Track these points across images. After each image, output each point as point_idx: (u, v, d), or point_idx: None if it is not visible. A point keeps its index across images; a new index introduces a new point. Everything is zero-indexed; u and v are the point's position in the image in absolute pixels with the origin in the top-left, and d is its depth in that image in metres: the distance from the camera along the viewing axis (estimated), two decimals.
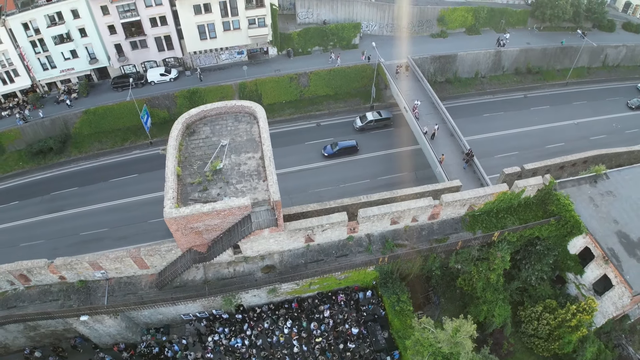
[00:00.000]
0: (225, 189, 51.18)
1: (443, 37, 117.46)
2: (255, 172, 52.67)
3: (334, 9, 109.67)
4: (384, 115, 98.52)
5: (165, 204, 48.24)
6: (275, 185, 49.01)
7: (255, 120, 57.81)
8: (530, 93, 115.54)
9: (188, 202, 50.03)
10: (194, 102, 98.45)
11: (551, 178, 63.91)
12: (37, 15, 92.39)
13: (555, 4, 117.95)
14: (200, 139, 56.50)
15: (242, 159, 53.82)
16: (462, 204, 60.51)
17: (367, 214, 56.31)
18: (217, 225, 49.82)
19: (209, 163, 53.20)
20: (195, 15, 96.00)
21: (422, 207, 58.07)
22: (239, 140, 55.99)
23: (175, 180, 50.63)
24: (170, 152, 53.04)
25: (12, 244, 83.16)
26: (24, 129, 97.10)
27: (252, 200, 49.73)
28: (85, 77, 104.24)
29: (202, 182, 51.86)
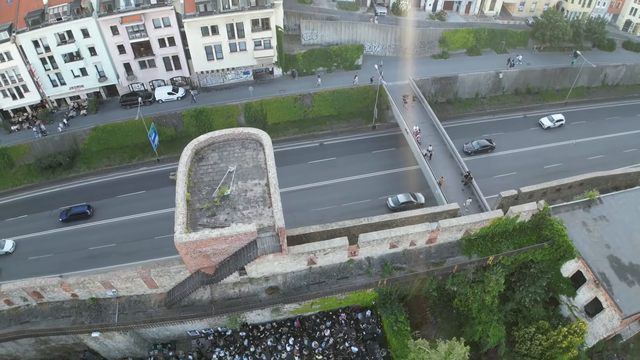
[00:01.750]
0: (233, 215, 53.77)
1: (444, 58, 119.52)
2: (261, 198, 55.26)
3: (338, 30, 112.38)
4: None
5: (176, 229, 50.78)
6: (280, 212, 51.58)
7: (261, 147, 60.42)
8: (530, 113, 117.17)
9: (197, 227, 52.60)
10: (201, 121, 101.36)
11: (545, 204, 66.36)
12: (47, 33, 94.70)
13: (556, 25, 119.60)
14: (208, 165, 59.13)
15: (249, 186, 56.43)
16: (459, 229, 63.05)
17: (367, 238, 58.84)
18: (224, 250, 52.40)
19: (217, 189, 55.80)
20: (203, 37, 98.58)
21: (420, 232, 60.63)
22: (245, 166, 58.62)
23: (184, 206, 53.20)
24: (180, 178, 55.64)
25: (21, 257, 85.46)
26: (34, 144, 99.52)
27: (257, 226, 52.28)
28: (94, 94, 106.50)
29: (210, 208, 54.43)
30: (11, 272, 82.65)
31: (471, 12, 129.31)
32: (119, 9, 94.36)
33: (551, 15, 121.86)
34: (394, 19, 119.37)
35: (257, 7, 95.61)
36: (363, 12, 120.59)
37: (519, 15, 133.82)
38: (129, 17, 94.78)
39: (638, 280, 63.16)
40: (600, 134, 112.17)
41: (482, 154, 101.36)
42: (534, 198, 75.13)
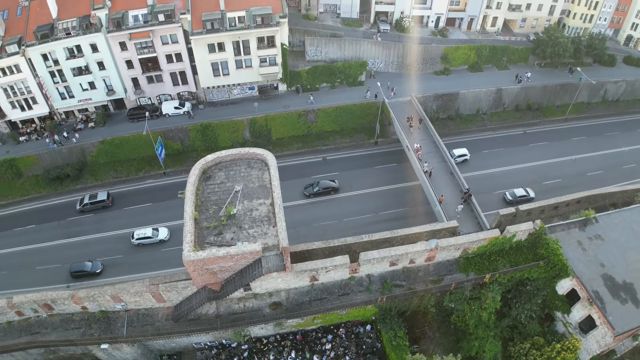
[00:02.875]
0: (239, 234, 55.87)
1: (446, 74, 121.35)
2: (266, 217, 57.36)
3: (342, 47, 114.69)
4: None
5: (184, 247, 52.88)
6: (284, 232, 53.67)
7: (267, 167, 62.52)
8: (530, 129, 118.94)
9: (204, 246, 54.70)
10: (207, 135, 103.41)
11: (541, 224, 68.27)
12: (56, 47, 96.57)
13: (556, 42, 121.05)
14: (215, 184, 61.26)
15: (254, 205, 58.54)
16: (457, 247, 65.04)
17: (368, 257, 60.88)
18: (230, 267, 54.52)
19: (224, 208, 57.92)
20: (210, 54, 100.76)
21: (419, 251, 62.59)
22: (251, 186, 60.74)
23: (193, 224, 55.28)
24: (189, 197, 57.75)
25: (28, 266, 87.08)
26: (42, 155, 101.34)
27: (262, 245, 54.35)
28: (102, 107, 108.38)
29: (217, 227, 56.51)
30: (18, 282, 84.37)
31: (473, 28, 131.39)
32: (128, 26, 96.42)
33: (552, 32, 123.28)
34: (397, 36, 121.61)
35: (263, 26, 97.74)
36: (366, 28, 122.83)
37: (520, 32, 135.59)
38: (137, 34, 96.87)
39: (631, 298, 64.85)
40: (600, 149, 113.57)
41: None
42: (532, 216, 77.07)
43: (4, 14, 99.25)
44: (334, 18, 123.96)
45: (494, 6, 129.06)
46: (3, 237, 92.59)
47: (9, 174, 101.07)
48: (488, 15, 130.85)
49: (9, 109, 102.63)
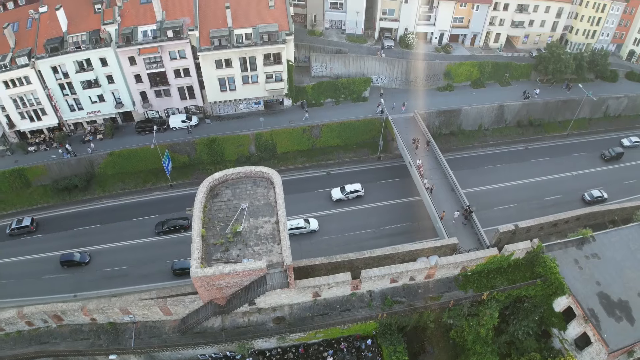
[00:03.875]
0: (244, 251, 57.75)
1: (449, 90, 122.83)
2: (271, 235, 59.23)
3: (346, 63, 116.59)
4: None
5: (192, 263, 54.76)
6: (288, 250, 55.52)
7: (272, 185, 64.38)
8: (532, 145, 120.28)
9: (211, 262, 56.58)
10: (213, 149, 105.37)
11: (539, 243, 69.93)
12: (66, 60, 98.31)
13: (558, 58, 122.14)
14: (222, 202, 63.16)
15: (260, 223, 60.41)
16: (456, 266, 66.79)
17: (369, 274, 62.66)
18: (236, 283, 56.39)
19: (230, 225, 59.79)
20: (217, 69, 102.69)
21: (419, 269, 64.32)
22: (257, 204, 62.63)
23: (200, 241, 57.18)
24: (196, 214, 59.65)
25: (36, 275, 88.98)
26: (50, 166, 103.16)
27: (267, 262, 56.20)
28: (110, 119, 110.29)
29: (224, 244, 58.42)
30: (26, 291, 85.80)
31: (476, 44, 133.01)
32: (137, 41, 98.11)
33: (554, 48, 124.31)
34: (401, 52, 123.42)
35: (270, 43, 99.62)
36: (371, 44, 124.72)
37: (523, 48, 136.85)
38: (146, 49, 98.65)
39: (626, 316, 66.35)
40: (600, 165, 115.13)
41: None
42: (531, 233, 78.89)
43: (14, 26, 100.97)
44: (339, 34, 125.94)
45: (497, 23, 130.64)
46: (11, 246, 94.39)
47: (17, 183, 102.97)
48: (491, 31, 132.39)
49: (18, 119, 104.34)
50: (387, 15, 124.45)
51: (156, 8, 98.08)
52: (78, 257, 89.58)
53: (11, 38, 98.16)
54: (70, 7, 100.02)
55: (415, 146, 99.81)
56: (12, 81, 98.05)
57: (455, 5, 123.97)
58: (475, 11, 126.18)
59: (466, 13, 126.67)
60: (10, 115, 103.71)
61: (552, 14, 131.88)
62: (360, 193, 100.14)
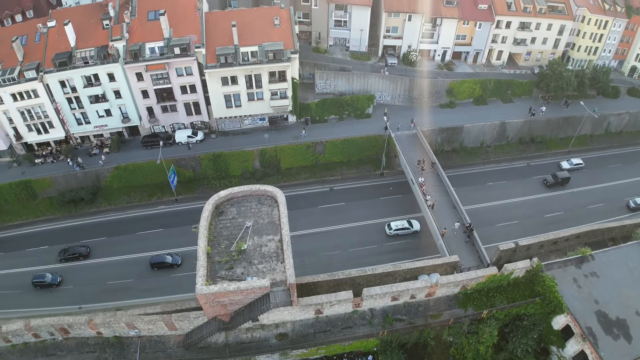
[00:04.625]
0: (249, 269, 59.02)
1: (451, 107, 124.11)
2: (275, 253, 60.50)
3: (350, 81, 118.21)
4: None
5: (197, 280, 56.03)
6: (291, 268, 56.76)
7: (276, 203, 65.68)
8: (533, 162, 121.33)
9: (216, 279, 57.84)
10: (218, 164, 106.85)
11: (538, 262, 71.01)
12: (74, 75, 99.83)
13: (560, 76, 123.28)
14: (227, 219, 64.47)
15: (264, 241, 61.71)
16: (456, 284, 67.90)
17: (371, 292, 63.83)
18: (240, 300, 57.63)
19: (235, 243, 61.08)
20: (223, 86, 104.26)
21: (419, 288, 65.46)
22: (261, 222, 63.94)
23: (205, 259, 58.47)
24: (202, 232, 60.97)
25: (43, 287, 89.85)
26: (57, 178, 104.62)
27: (271, 280, 57.43)
28: (117, 133, 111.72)
29: (228, 261, 59.68)
30: (31, 302, 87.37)
31: (479, 61, 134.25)
32: (145, 57, 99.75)
33: (555, 66, 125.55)
34: (404, 69, 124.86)
35: (275, 61, 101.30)
36: (375, 62, 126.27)
37: (525, 65, 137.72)
38: (153, 66, 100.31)
39: (624, 334, 67.24)
40: (601, 182, 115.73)
41: None
42: (531, 251, 79.99)
43: (22, 39, 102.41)
44: (343, 51, 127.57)
45: (499, 40, 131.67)
46: (17, 257, 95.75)
47: (24, 195, 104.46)
48: (493, 49, 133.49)
49: (26, 131, 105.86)
50: (391, 33, 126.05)
51: (163, 25, 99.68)
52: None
53: (19, 51, 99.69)
54: (79, 23, 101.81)
55: (421, 167, 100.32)
56: (20, 94, 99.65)
57: (458, 23, 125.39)
58: (477, 29, 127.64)
59: (469, 31, 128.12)
60: (17, 128, 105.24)
61: (554, 32, 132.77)
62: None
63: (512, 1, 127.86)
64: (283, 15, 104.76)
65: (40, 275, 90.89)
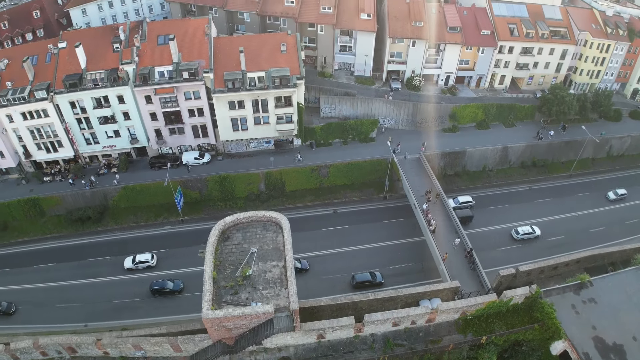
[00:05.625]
0: (253, 294, 60.50)
1: (454, 131, 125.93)
2: (279, 279, 62.00)
3: (355, 105, 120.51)
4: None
5: (203, 305, 57.51)
6: (295, 294, 58.27)
7: (281, 230, 67.22)
8: (535, 185, 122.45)
9: (221, 304, 59.34)
10: (224, 186, 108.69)
11: (537, 288, 72.24)
12: (84, 96, 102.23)
13: (562, 100, 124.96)
14: (233, 245, 66.02)
15: (268, 267, 63.23)
16: (456, 310, 69.21)
17: (372, 318, 65.19)
18: (244, 325, 59.06)
19: (240, 269, 62.63)
20: (230, 110, 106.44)
21: (420, 314, 66.84)
22: (265, 248, 65.46)
23: (211, 284, 59.97)
24: (208, 257, 62.53)
25: (48, 304, 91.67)
26: (65, 197, 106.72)
27: (274, 306, 58.83)
28: (125, 153, 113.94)
29: (234, 286, 61.17)
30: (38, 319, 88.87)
31: (482, 86, 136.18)
32: (154, 81, 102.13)
33: (557, 90, 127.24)
34: (408, 94, 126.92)
35: (281, 86, 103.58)
36: (379, 86, 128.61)
37: (527, 89, 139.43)
38: (162, 89, 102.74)
39: None
40: (603, 205, 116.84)
41: None
42: (531, 276, 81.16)
43: (33, 59, 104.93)
44: (348, 76, 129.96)
45: (502, 65, 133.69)
46: (24, 273, 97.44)
47: (32, 212, 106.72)
48: (496, 73, 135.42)
49: (35, 149, 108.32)
50: (395, 58, 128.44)
51: (173, 50, 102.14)
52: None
53: (30, 71, 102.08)
54: (90, 45, 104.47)
55: (427, 198, 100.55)
56: (30, 113, 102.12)
57: (461, 49, 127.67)
58: (480, 54, 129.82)
59: (472, 56, 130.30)
60: (27, 146, 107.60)
61: (556, 56, 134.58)
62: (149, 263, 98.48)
63: (514, 26, 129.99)
64: (290, 42, 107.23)
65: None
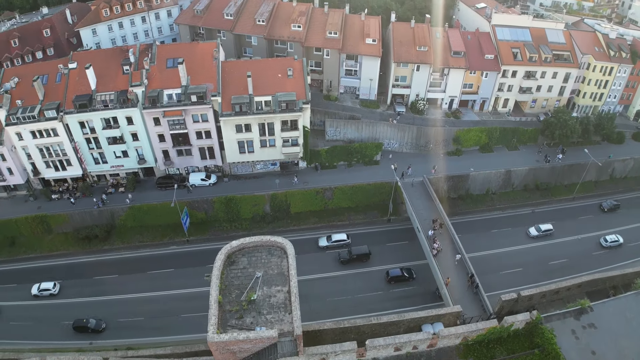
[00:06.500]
0: (258, 319, 61.59)
1: (458, 155, 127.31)
2: (283, 304, 63.10)
3: (359, 129, 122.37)
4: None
5: (209, 329, 58.56)
6: (298, 320, 59.35)
7: (285, 255, 68.40)
8: (538, 208, 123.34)
9: (226, 328, 60.46)
10: (230, 208, 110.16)
11: (537, 314, 73.07)
12: (93, 117, 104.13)
13: (565, 124, 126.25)
14: (238, 269, 67.17)
15: (273, 292, 64.34)
16: (457, 336, 70.08)
17: (374, 344, 66.07)
18: (248, 349, 60.05)
19: (245, 293, 63.79)
20: (237, 133, 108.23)
21: (421, 339, 67.77)
22: (270, 272, 66.58)
23: (217, 307, 61.06)
24: (214, 281, 63.69)
25: (54, 321, 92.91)
26: (72, 215, 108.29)
27: (278, 331, 59.91)
28: (132, 173, 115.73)
29: (239, 310, 62.26)
30: (44, 335, 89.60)
31: (485, 109, 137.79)
32: (162, 104, 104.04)
33: (560, 114, 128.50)
34: (412, 117, 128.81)
35: (287, 110, 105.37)
36: (383, 109, 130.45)
37: (531, 112, 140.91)
38: (171, 112, 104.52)
39: None
40: (606, 228, 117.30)
41: None
42: (533, 301, 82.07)
43: (43, 78, 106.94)
44: (353, 99, 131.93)
45: (506, 89, 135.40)
46: (30, 289, 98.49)
47: (39, 229, 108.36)
48: (500, 97, 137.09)
49: (43, 167, 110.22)
50: (400, 82, 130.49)
51: (181, 73, 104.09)
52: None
53: (40, 90, 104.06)
54: (100, 66, 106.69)
55: (433, 227, 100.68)
56: (39, 132, 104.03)
57: (465, 73, 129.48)
58: (484, 78, 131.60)
59: (475, 80, 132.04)
60: (35, 163, 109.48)
61: (559, 79, 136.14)
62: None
63: (518, 51, 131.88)
64: (296, 66, 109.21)
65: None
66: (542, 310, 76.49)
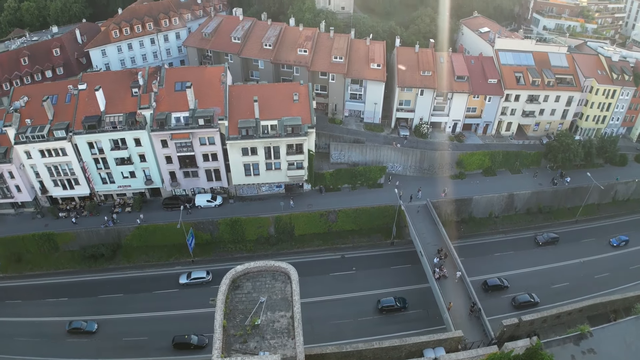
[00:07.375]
0: (261, 344, 62.65)
1: (461, 178, 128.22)
2: (286, 330, 64.15)
3: (363, 152, 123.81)
4: None
5: (214, 353, 59.62)
6: (301, 346, 60.46)
7: (289, 280, 69.60)
8: (541, 232, 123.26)
9: (230, 352, 61.57)
10: (235, 229, 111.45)
11: (537, 340, 73.78)
12: (102, 138, 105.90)
13: (567, 148, 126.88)
14: (243, 294, 68.32)
15: (276, 317, 65.40)
16: None
17: None
18: None
19: (249, 317, 64.96)
20: (243, 156, 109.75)
21: None
22: (274, 297, 67.70)
23: (221, 332, 62.25)
24: (219, 305, 64.90)
25: (59, 338, 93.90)
26: (79, 234, 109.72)
27: (281, 356, 60.94)
28: (139, 193, 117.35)
29: (242, 335, 63.32)
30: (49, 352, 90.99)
31: (488, 133, 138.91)
32: (170, 126, 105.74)
33: (563, 138, 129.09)
34: (415, 141, 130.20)
35: (293, 135, 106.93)
36: (387, 133, 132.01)
37: (534, 135, 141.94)
38: (178, 134, 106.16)
39: None
40: (608, 251, 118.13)
41: None
42: (534, 326, 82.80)
43: (53, 98, 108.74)
44: (357, 122, 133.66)
45: (509, 112, 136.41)
46: (36, 305, 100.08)
47: (46, 247, 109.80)
48: (503, 120, 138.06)
49: (51, 186, 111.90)
50: (404, 106, 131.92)
51: (189, 97, 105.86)
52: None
53: (50, 110, 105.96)
54: (109, 88, 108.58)
55: (438, 257, 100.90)
56: (48, 151, 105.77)
57: (468, 97, 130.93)
58: (487, 102, 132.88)
59: (479, 104, 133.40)
60: (43, 182, 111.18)
61: (562, 103, 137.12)
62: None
63: (521, 75, 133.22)
64: (302, 91, 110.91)
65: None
66: (543, 335, 77.36)
